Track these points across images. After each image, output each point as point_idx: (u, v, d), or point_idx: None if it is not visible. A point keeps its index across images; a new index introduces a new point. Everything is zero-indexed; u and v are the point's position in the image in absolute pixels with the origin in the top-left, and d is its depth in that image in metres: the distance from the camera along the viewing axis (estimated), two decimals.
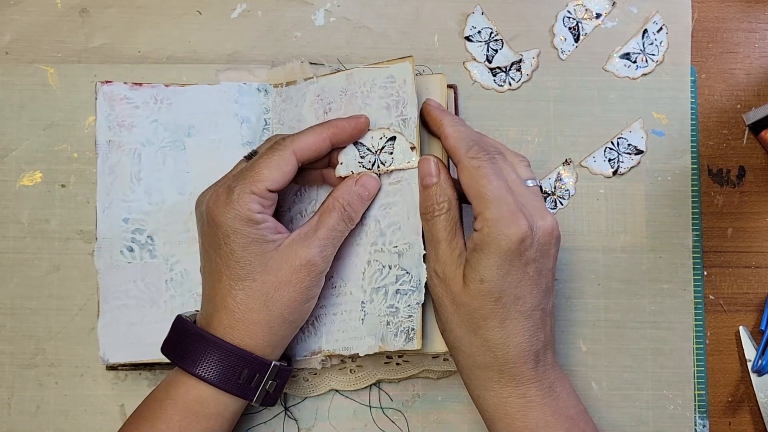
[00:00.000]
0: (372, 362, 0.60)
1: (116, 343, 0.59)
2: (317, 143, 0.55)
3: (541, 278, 0.53)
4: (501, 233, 0.51)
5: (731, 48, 0.65)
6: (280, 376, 0.54)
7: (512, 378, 0.52)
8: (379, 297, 0.57)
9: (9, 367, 0.62)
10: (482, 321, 0.52)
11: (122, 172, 0.60)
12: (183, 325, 0.54)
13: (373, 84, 0.58)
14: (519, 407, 0.52)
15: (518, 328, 0.52)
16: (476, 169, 0.52)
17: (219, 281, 0.53)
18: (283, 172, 0.53)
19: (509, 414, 0.52)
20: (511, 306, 0.52)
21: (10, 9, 0.64)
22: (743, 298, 0.63)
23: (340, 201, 0.55)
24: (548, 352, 0.53)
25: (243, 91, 0.62)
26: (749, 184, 0.64)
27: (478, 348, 0.52)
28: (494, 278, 0.51)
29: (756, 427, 0.62)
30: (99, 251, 0.60)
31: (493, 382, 0.52)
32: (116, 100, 0.61)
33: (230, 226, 0.52)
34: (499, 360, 0.52)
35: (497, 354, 0.52)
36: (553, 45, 0.65)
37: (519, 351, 0.52)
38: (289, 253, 0.53)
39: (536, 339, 0.52)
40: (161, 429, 0.52)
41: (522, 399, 0.52)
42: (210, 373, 0.52)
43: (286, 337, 0.54)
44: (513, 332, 0.52)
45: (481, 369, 0.53)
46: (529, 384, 0.52)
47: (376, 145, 0.57)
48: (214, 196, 0.53)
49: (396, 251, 0.56)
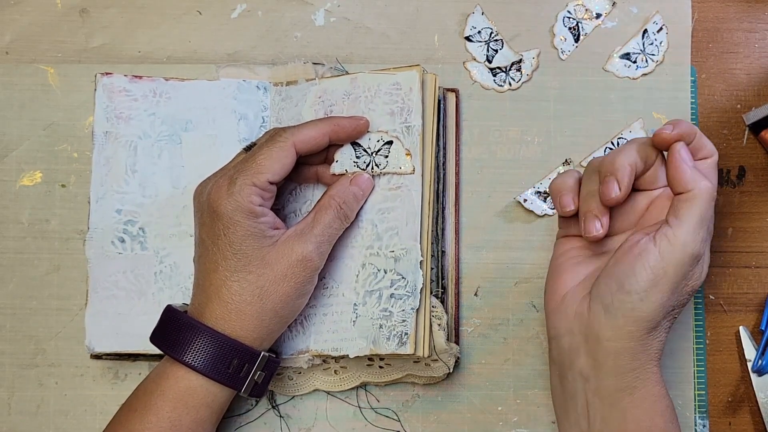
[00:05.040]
0: (355, 364, 0.60)
1: (103, 332, 0.59)
2: (317, 138, 0.55)
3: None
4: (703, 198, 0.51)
5: (731, 48, 0.65)
6: (268, 367, 0.55)
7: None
8: (373, 300, 0.57)
9: (9, 367, 0.62)
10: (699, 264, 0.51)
11: (117, 163, 0.61)
12: (174, 314, 0.54)
13: (378, 89, 0.58)
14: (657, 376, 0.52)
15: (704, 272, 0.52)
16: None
17: (215, 272, 0.53)
18: (284, 164, 0.54)
19: (660, 382, 0.52)
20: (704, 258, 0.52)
21: (10, 9, 0.65)
22: (743, 298, 0.63)
23: (336, 199, 0.55)
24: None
25: (242, 88, 0.62)
26: (749, 184, 0.64)
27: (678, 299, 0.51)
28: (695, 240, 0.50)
29: (756, 427, 0.62)
30: (90, 241, 0.60)
31: (661, 341, 0.52)
32: (115, 92, 0.61)
33: (231, 217, 0.52)
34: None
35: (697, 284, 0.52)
36: (553, 45, 0.65)
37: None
38: (286, 249, 0.53)
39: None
40: (151, 421, 0.52)
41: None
42: (200, 362, 0.52)
43: (275, 331, 0.55)
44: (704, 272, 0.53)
45: (664, 332, 0.52)
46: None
47: (373, 146, 0.57)
48: (216, 187, 0.54)
49: (392, 256, 0.57)
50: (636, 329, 0.50)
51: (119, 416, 0.54)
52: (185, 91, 0.62)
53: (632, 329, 0.50)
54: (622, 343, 0.51)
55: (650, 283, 0.50)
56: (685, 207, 0.50)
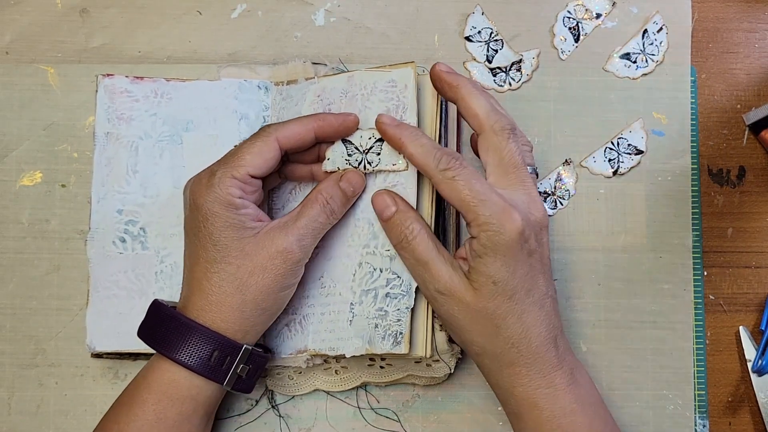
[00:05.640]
0: (356, 364, 0.60)
1: (103, 331, 0.59)
2: (301, 133, 0.55)
3: (543, 266, 0.53)
4: (499, 232, 0.51)
5: (731, 48, 0.65)
6: (252, 361, 0.54)
7: (539, 369, 0.52)
8: (369, 299, 0.57)
9: (9, 367, 0.62)
10: (501, 321, 0.52)
11: (119, 164, 0.61)
12: (157, 308, 0.55)
13: (374, 87, 0.58)
14: (547, 397, 0.52)
15: (535, 318, 0.52)
16: (452, 180, 0.52)
17: (196, 264, 0.54)
18: (266, 159, 0.54)
19: (538, 405, 0.52)
20: (525, 299, 0.52)
21: (10, 9, 0.65)
22: (743, 298, 0.63)
23: (324, 194, 0.55)
24: (562, 337, 0.54)
25: (243, 88, 0.62)
26: (749, 184, 0.64)
27: (502, 348, 0.52)
28: (505, 277, 0.51)
29: (756, 427, 0.62)
30: (91, 241, 0.60)
31: (521, 377, 0.53)
32: (116, 93, 0.61)
33: (209, 209, 0.53)
34: (524, 354, 0.52)
35: (521, 348, 0.52)
36: (554, 45, 0.65)
37: (540, 341, 0.52)
38: (266, 240, 0.53)
39: (552, 325, 0.53)
40: (137, 413, 0.53)
41: (549, 388, 0.52)
42: (181, 354, 0.52)
43: (258, 324, 0.54)
44: (532, 324, 0.52)
45: (509, 366, 0.53)
46: (554, 371, 0.53)
47: (365, 144, 0.57)
48: (197, 180, 0.54)
49: (388, 255, 0.56)
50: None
51: (109, 411, 0.55)
52: (186, 91, 0.62)
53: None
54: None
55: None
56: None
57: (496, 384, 0.54)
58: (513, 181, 0.53)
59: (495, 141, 0.53)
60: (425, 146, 0.54)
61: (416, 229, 0.54)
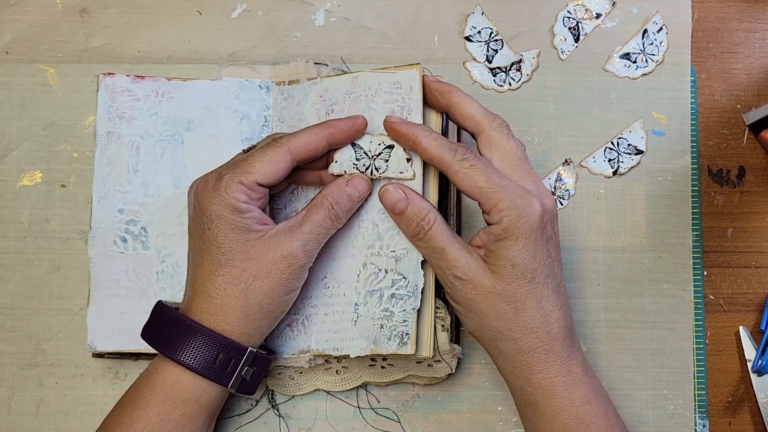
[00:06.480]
0: (357, 364, 0.60)
1: (104, 331, 0.59)
2: (314, 143, 0.55)
3: (558, 254, 0.54)
4: (521, 216, 0.52)
5: (731, 48, 0.65)
6: (256, 363, 0.54)
7: (557, 356, 0.53)
8: (374, 300, 0.57)
9: (9, 367, 0.62)
10: (521, 304, 0.52)
11: (120, 163, 0.61)
12: (162, 309, 0.55)
13: (379, 88, 0.58)
14: (565, 384, 0.53)
15: (554, 304, 0.53)
16: (470, 168, 0.53)
17: (200, 266, 0.54)
18: (276, 169, 0.54)
19: (557, 393, 0.53)
20: (544, 284, 0.53)
21: (10, 9, 0.65)
22: (743, 298, 0.63)
23: (329, 198, 0.55)
24: (574, 328, 0.55)
25: (245, 87, 0.62)
26: (749, 184, 0.64)
27: (521, 333, 0.53)
28: (526, 260, 0.52)
29: (756, 427, 0.62)
30: (92, 240, 0.60)
31: (540, 363, 0.53)
32: (117, 92, 0.61)
33: (214, 211, 0.53)
34: (543, 340, 0.53)
35: (540, 334, 0.52)
36: (553, 45, 0.65)
37: (559, 327, 0.53)
38: (271, 244, 0.53)
39: (568, 314, 0.54)
40: (140, 415, 0.53)
41: (568, 376, 0.53)
42: (186, 357, 0.52)
43: (263, 327, 0.55)
44: (550, 309, 0.53)
45: (527, 353, 0.53)
46: (572, 359, 0.53)
47: (374, 150, 0.57)
48: (203, 182, 0.54)
49: (393, 256, 0.56)
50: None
51: (112, 412, 0.55)
52: (187, 90, 0.62)
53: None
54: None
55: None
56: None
57: (510, 372, 0.54)
58: (521, 173, 0.54)
59: (497, 138, 0.54)
60: (439, 139, 0.54)
61: (432, 218, 0.54)
